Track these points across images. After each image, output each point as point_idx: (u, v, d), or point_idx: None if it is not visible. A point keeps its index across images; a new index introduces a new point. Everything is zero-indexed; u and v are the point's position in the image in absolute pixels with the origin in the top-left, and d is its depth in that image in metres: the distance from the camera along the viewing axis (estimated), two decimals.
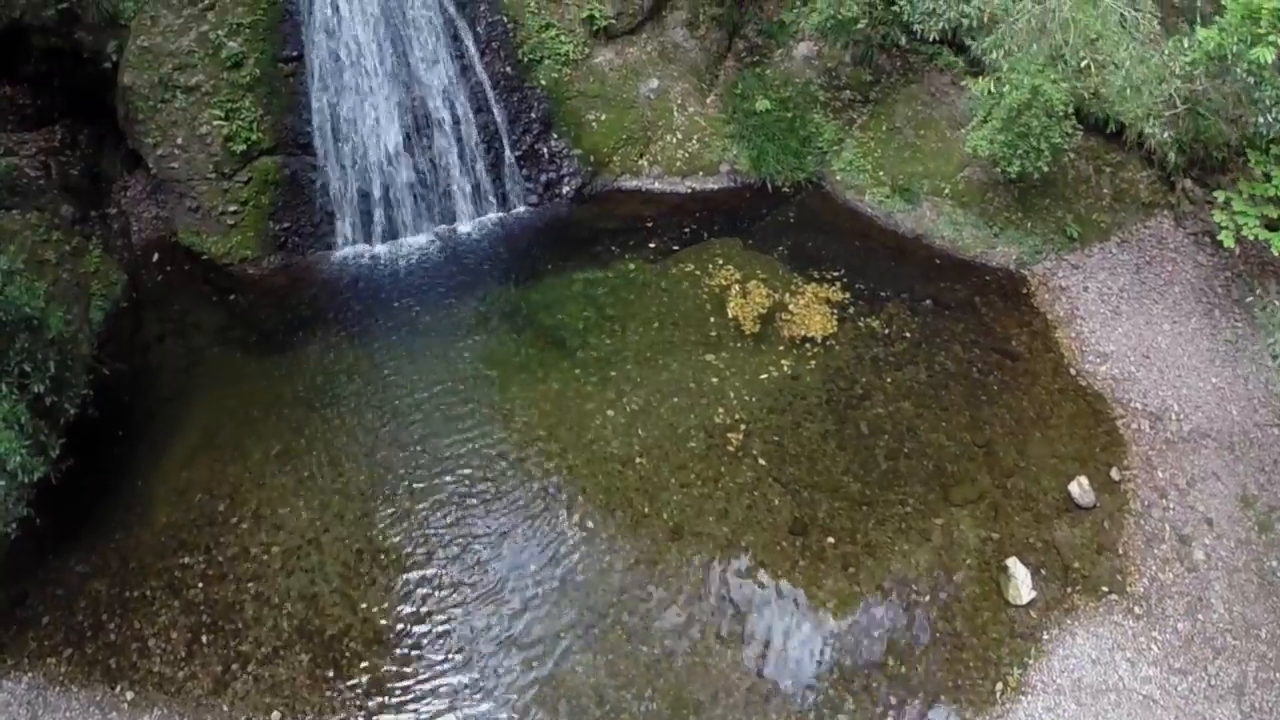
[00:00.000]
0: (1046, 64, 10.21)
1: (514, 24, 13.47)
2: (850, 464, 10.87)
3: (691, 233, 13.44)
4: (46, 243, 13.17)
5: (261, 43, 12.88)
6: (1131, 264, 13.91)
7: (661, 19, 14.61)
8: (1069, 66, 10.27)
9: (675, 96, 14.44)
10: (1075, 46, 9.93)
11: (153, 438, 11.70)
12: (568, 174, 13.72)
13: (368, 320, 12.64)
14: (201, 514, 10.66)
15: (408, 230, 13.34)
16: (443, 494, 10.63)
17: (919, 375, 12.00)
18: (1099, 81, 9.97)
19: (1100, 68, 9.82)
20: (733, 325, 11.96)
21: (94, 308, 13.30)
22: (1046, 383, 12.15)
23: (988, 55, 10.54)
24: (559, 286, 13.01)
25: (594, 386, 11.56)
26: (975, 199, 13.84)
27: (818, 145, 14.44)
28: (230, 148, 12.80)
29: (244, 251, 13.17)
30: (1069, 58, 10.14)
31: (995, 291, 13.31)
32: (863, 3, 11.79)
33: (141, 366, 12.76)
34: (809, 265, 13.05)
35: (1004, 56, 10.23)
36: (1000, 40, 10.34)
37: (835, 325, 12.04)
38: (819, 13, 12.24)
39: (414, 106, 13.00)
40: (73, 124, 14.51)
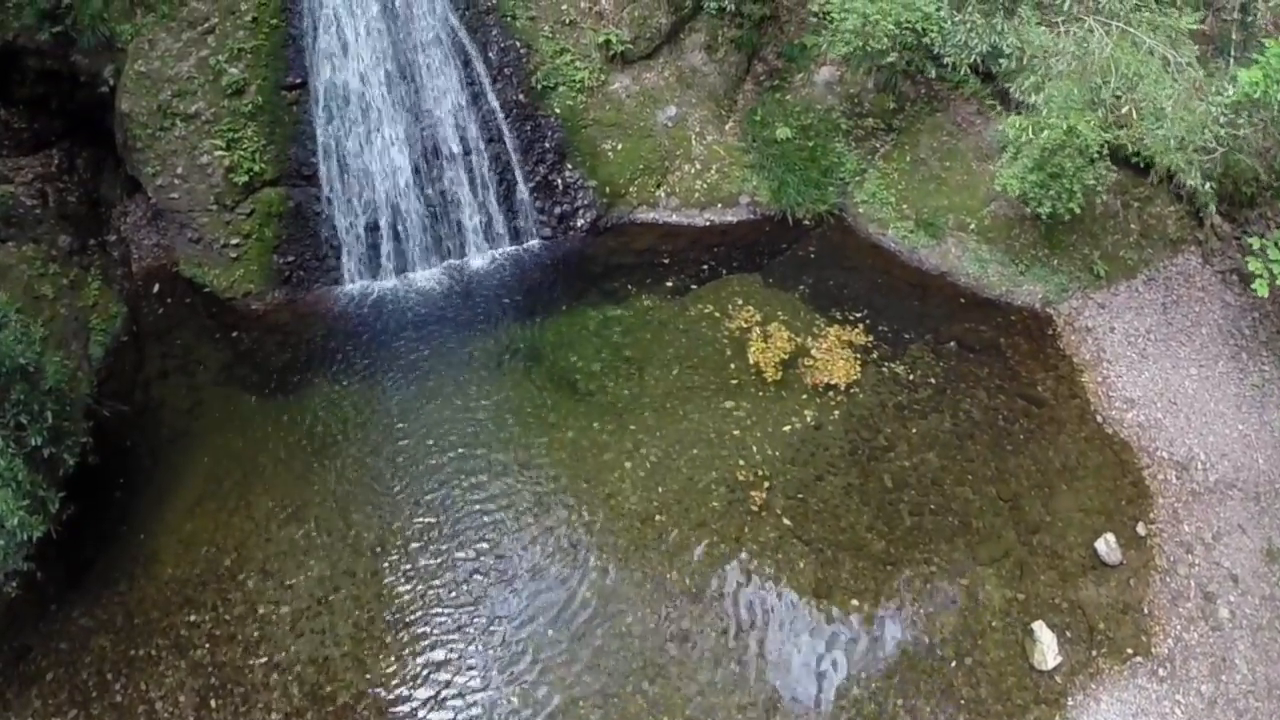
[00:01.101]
0: (1085, 106, 9.83)
1: (527, 49, 12.97)
2: (874, 520, 10.63)
3: (710, 269, 13.06)
4: (43, 276, 12.74)
5: (263, 69, 12.39)
6: (1158, 303, 13.64)
7: (679, 42, 14.09)
8: (1107, 109, 9.88)
9: (693, 124, 13.97)
10: (1116, 90, 9.54)
11: (156, 484, 11.37)
12: (582, 206, 13.30)
13: (376, 360, 12.26)
14: (208, 568, 10.37)
15: (417, 265, 12.94)
16: (456, 552, 10.34)
17: (943, 424, 11.74)
18: (1142, 131, 9.59)
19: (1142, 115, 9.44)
20: (754, 372, 11.62)
21: (93, 343, 12.88)
22: (1073, 430, 11.91)
23: (1026, 97, 10.14)
24: (573, 325, 12.63)
25: (611, 435, 11.25)
26: (1001, 235, 13.49)
27: (839, 176, 14.02)
28: (232, 179, 12.36)
29: (247, 285, 12.75)
30: (1108, 100, 9.75)
31: (1020, 332, 13.00)
32: (892, 34, 11.34)
33: (143, 405, 12.40)
34: (831, 305, 12.72)
35: (1043, 100, 9.83)
36: (1040, 83, 9.93)
37: (859, 371, 11.72)
38: (845, 43, 11.78)
39: (423, 136, 12.54)
40: (71, 147, 14.04)
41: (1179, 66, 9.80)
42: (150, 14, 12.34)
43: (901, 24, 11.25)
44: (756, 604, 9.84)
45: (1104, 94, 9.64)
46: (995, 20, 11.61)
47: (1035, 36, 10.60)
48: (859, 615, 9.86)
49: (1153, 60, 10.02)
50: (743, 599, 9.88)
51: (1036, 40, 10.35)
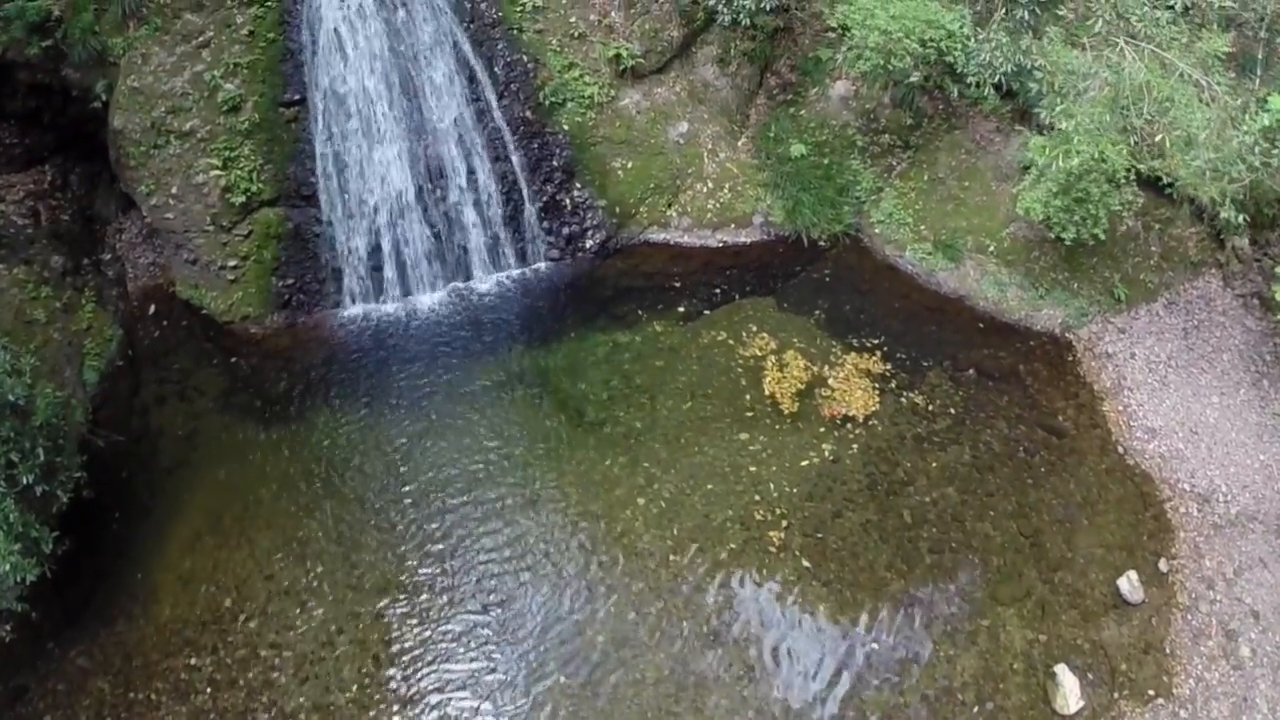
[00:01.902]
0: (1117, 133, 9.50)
1: (534, 63, 12.53)
2: (894, 559, 10.37)
3: (723, 293, 12.70)
4: (35, 300, 12.28)
5: (260, 85, 11.93)
6: (1179, 328, 13.37)
7: (691, 56, 13.63)
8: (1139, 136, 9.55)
9: (706, 141, 13.56)
10: (1149, 116, 9.21)
11: (154, 517, 11.02)
12: (591, 227, 12.91)
13: (379, 388, 11.90)
14: (207, 608, 10.05)
15: (420, 288, 12.54)
16: (464, 595, 10.04)
17: (963, 456, 11.47)
18: (1177, 163, 9.28)
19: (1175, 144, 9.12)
20: (769, 402, 11.32)
21: (87, 368, 12.45)
22: (1094, 462, 11.66)
23: (1057, 121, 9.78)
24: (582, 350, 12.27)
25: (622, 469, 10.93)
26: (1021, 257, 13.16)
27: (855, 195, 13.63)
28: (229, 199, 11.94)
29: (245, 309, 12.35)
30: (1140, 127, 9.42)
31: (1040, 359, 12.72)
32: (916, 53, 10.96)
33: (140, 433, 12.02)
34: (848, 331, 12.39)
35: (1074, 127, 9.48)
36: (1070, 110, 9.58)
37: (877, 401, 11.42)
38: (866, 60, 11.39)
39: (426, 155, 12.10)
40: (64, 162, 13.58)
41: (1212, 93, 9.48)
42: (143, 27, 11.85)
43: (926, 42, 10.88)
44: (775, 648, 9.58)
45: (1136, 121, 9.31)
46: (1021, 39, 11.28)
47: (1063, 57, 10.25)
48: (879, 659, 9.62)
49: (1185, 86, 9.69)
50: (761, 643, 9.60)
51: (1064, 61, 10.01)
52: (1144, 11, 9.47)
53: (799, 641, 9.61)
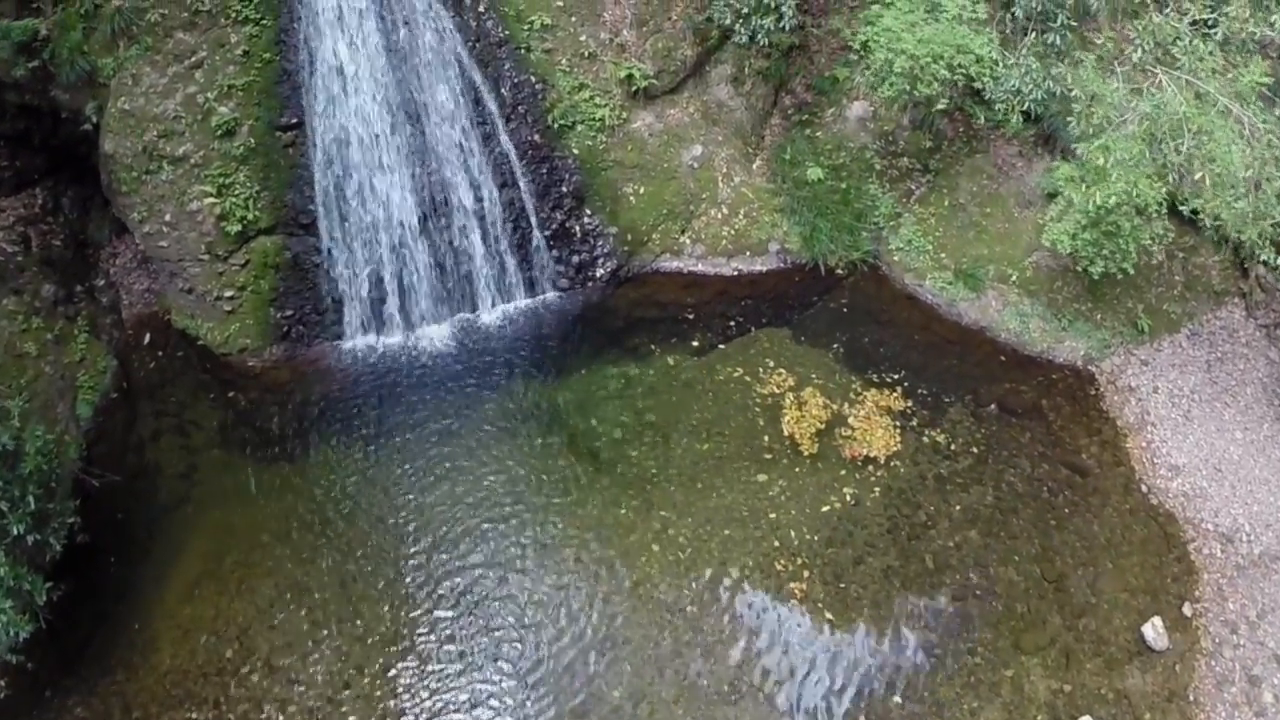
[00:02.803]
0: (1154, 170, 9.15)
1: (543, 84, 12.01)
2: (917, 607, 10.06)
3: (738, 325, 12.30)
4: (26, 332, 11.77)
5: (256, 107, 11.39)
6: (1202, 360, 13.11)
7: (704, 75, 13.13)
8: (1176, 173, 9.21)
9: (720, 164, 13.11)
10: (1188, 153, 8.85)
11: (152, 559, 10.63)
12: (602, 255, 12.46)
13: (382, 425, 11.50)
14: (209, 659, 9.70)
15: (425, 320, 12.11)
16: (474, 643, 9.69)
17: (985, 497, 11.20)
18: (1218, 204, 8.94)
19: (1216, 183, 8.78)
20: (788, 443, 10.98)
21: (81, 402, 11.97)
22: (1117, 502, 11.41)
23: (1094, 159, 9.38)
24: (593, 385, 11.87)
25: (637, 513, 10.58)
26: (1043, 287, 12.81)
27: (873, 220, 13.21)
28: (224, 228, 11.44)
29: (243, 341, 11.90)
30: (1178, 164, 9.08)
31: (1062, 393, 12.41)
32: (943, 79, 10.52)
33: (137, 470, 11.60)
34: (867, 365, 12.02)
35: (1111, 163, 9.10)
36: (1109, 145, 9.19)
37: (898, 441, 11.09)
38: (891, 85, 10.96)
39: (430, 182, 11.62)
40: (55, 185, 12.98)
41: (1252, 128, 9.13)
42: (134, 46, 11.27)
43: (955, 68, 10.46)
44: (796, 703, 9.32)
45: (1174, 157, 8.96)
46: (1051, 65, 10.88)
47: (1099, 88, 9.86)
48: (903, 714, 9.42)
49: (1224, 120, 9.34)
50: (783, 698, 9.31)
51: (1100, 92, 9.63)
52: (1186, 43, 9.11)
53: (821, 696, 9.32)
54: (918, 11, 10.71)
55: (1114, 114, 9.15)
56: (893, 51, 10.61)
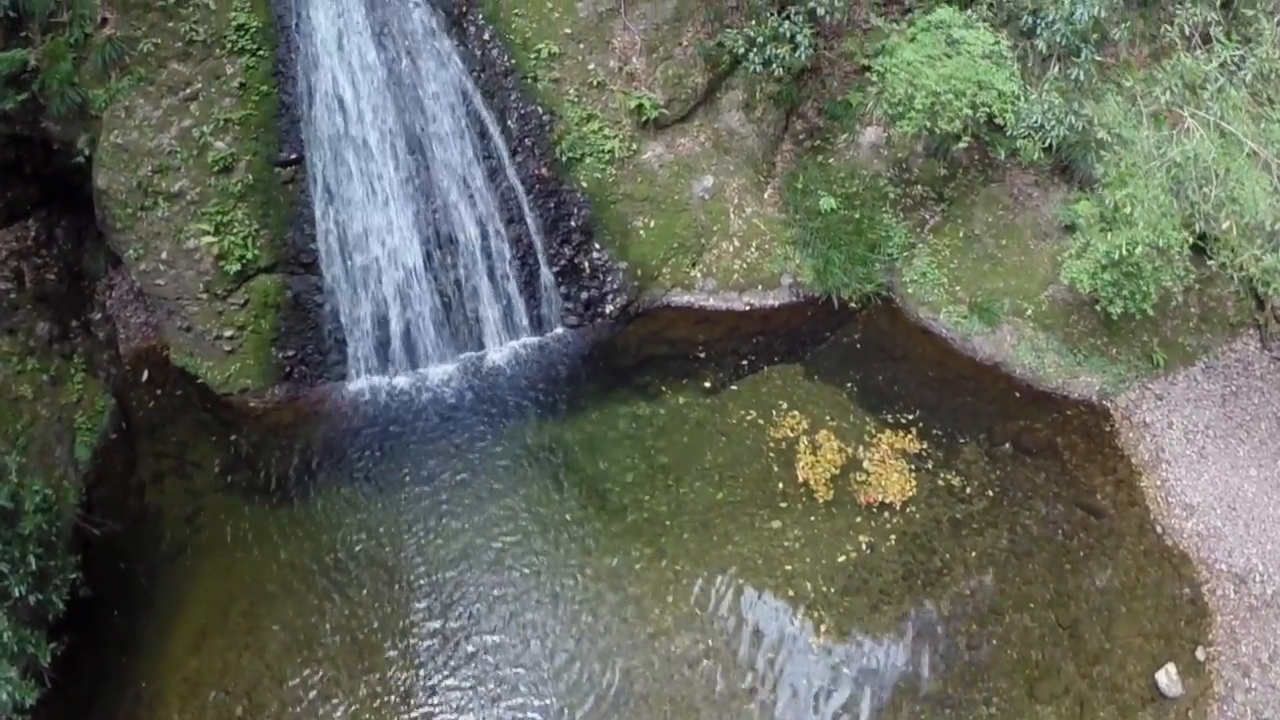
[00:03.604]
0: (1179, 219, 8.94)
1: (550, 116, 11.64)
2: (933, 657, 10.00)
3: (750, 364, 12.08)
4: (21, 374, 11.44)
5: (253, 142, 11.02)
6: (1217, 394, 12.99)
7: (715, 102, 12.75)
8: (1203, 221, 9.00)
9: (731, 195, 12.78)
10: (1216, 202, 8.63)
11: (156, 609, 10.45)
12: (612, 290, 12.17)
13: (388, 468, 11.29)
14: (218, 717, 9.61)
15: (430, 359, 11.83)
16: (488, 700, 9.51)
17: (1000, 541, 11.10)
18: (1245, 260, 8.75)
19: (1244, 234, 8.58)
20: (803, 489, 10.83)
21: (79, 445, 11.69)
22: (1132, 544, 11.33)
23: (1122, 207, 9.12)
24: (602, 424, 11.67)
25: (649, 561, 10.44)
26: (1059, 321, 12.62)
27: (886, 251, 12.93)
28: (223, 267, 11.13)
29: (244, 381, 11.63)
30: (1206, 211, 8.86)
31: (1077, 430, 12.27)
32: (965, 117, 10.22)
33: (138, 514, 11.37)
34: (881, 405, 11.84)
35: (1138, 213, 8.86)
36: (1137, 195, 8.94)
37: (913, 485, 10.94)
38: (910, 120, 10.67)
39: (435, 218, 11.30)
40: (48, 216, 12.57)
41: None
42: (126, 77, 10.86)
43: (977, 106, 10.17)
44: None
45: (1203, 205, 8.75)
46: (1074, 101, 10.60)
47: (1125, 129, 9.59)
48: None
49: (1252, 166, 9.11)
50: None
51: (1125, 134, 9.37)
52: (1215, 88, 8.86)
53: None
54: (938, 46, 10.41)
55: (1142, 161, 8.91)
56: (914, 87, 10.31)
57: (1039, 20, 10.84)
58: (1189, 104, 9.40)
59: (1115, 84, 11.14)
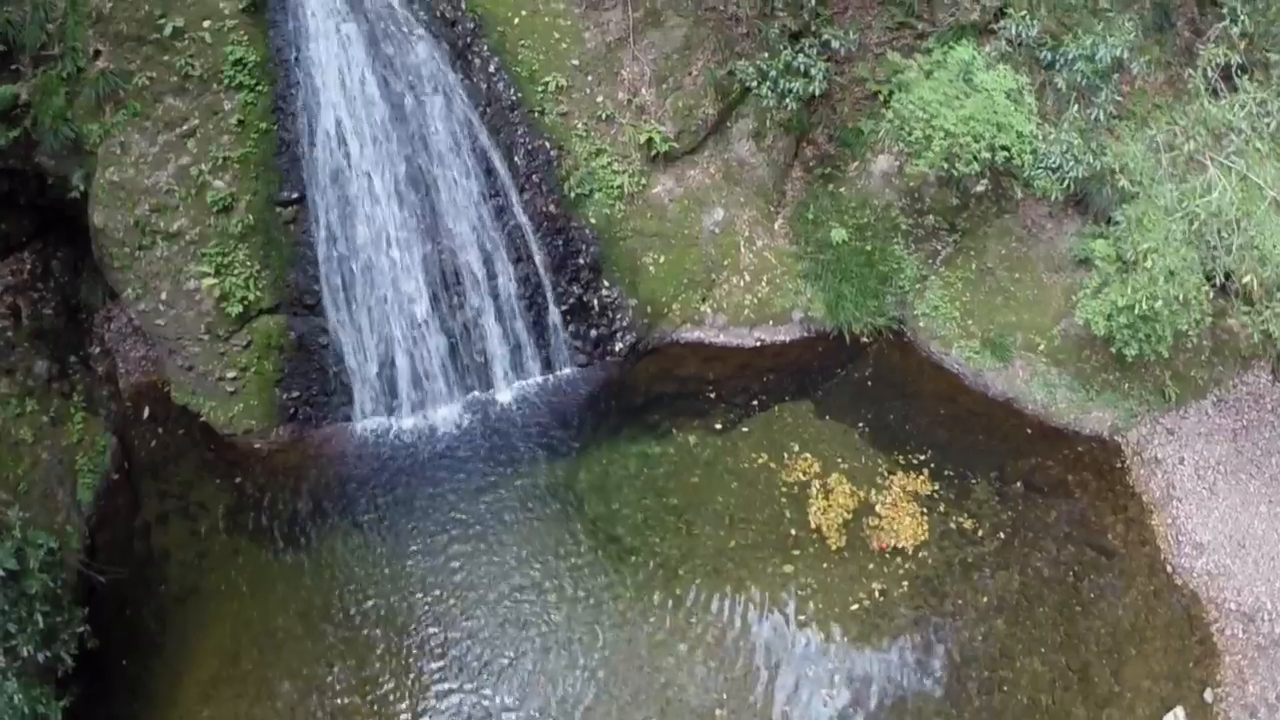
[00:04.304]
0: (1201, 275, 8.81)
1: (558, 151, 11.36)
2: (943, 704, 10.05)
3: (761, 403, 11.94)
4: (20, 417, 11.18)
5: (253, 181, 10.72)
6: (1229, 429, 12.94)
7: (725, 132, 12.47)
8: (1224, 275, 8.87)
9: (742, 228, 12.54)
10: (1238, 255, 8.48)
11: (166, 656, 10.36)
12: (621, 328, 11.95)
13: (396, 511, 11.16)
14: None
15: (438, 400, 11.65)
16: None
17: (1011, 583, 11.08)
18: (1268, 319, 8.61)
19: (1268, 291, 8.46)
20: (815, 535, 10.76)
21: (81, 487, 11.48)
22: (1142, 584, 11.33)
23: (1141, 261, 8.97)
24: (612, 464, 11.56)
25: (661, 607, 10.38)
26: (1071, 357, 12.49)
27: (898, 284, 12.74)
28: (224, 308, 10.88)
29: (248, 422, 11.43)
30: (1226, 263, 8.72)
31: (1089, 467, 12.19)
32: (983, 159, 10.01)
33: (144, 557, 11.22)
34: (893, 445, 11.74)
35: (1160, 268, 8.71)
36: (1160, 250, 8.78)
37: (925, 529, 10.89)
38: (925, 160, 10.44)
39: (440, 258, 11.03)
40: (44, 248, 12.20)
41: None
42: (120, 111, 10.53)
43: (996, 149, 9.96)
44: None
45: (1225, 259, 8.62)
46: (1093, 140, 10.39)
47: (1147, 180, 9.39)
48: None
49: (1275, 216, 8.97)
50: None
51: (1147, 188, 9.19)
52: (1242, 139, 8.68)
53: None
54: (956, 84, 10.17)
55: (1163, 216, 8.74)
56: (932, 129, 10.07)
57: (1057, 56, 10.64)
58: (1211, 149, 9.23)
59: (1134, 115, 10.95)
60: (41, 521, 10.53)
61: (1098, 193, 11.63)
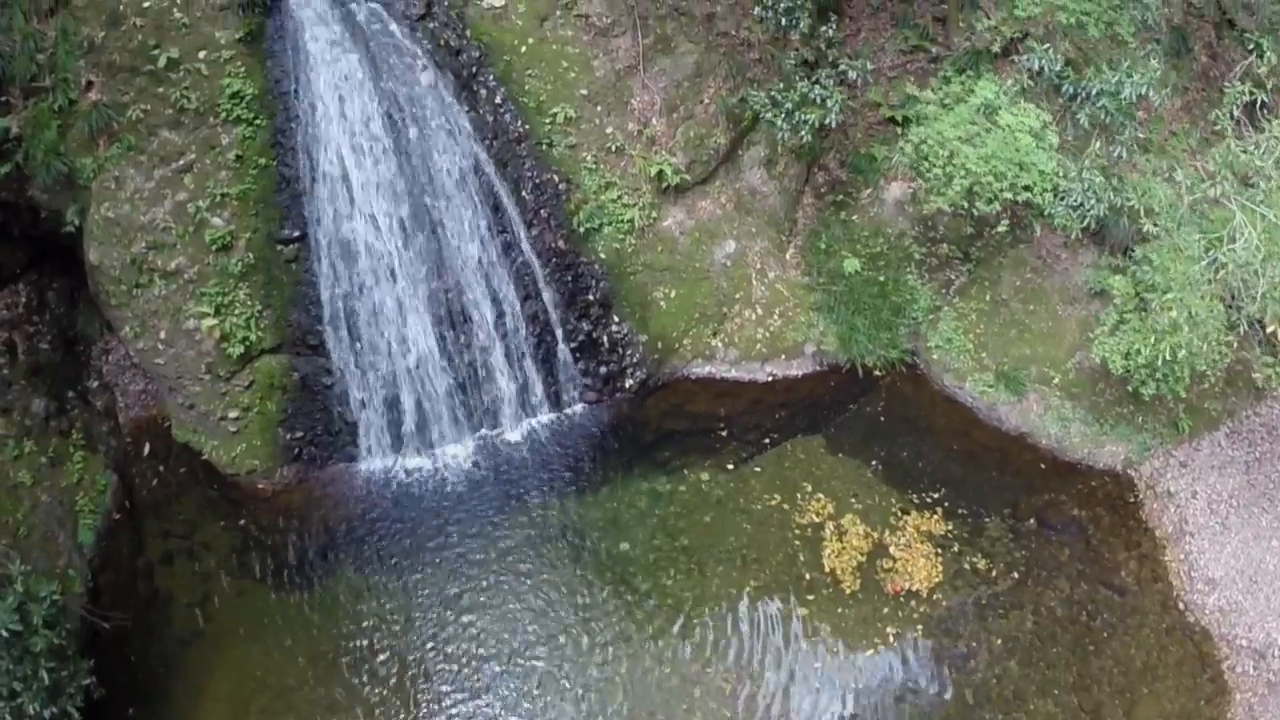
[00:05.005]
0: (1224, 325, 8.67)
1: (567, 184, 11.07)
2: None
3: (773, 440, 11.78)
4: (18, 459, 10.91)
5: (253, 218, 10.41)
6: (1241, 461, 12.86)
7: (737, 160, 12.19)
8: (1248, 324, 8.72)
9: (754, 259, 12.30)
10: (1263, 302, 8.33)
11: (174, 705, 10.17)
12: (631, 364, 11.75)
13: (404, 552, 11.00)
14: None
15: (444, 439, 11.42)
16: None
17: (1024, 623, 11.04)
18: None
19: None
20: (829, 578, 10.65)
21: (83, 528, 11.24)
22: (1154, 622, 11.29)
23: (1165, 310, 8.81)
24: (622, 502, 11.40)
25: (675, 651, 10.27)
26: (1086, 390, 12.37)
27: (911, 315, 12.55)
28: (225, 349, 10.62)
29: (251, 462, 11.20)
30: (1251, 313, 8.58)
31: (1102, 502, 12.11)
32: (1004, 198, 9.78)
33: (148, 599, 11.03)
34: (906, 483, 11.62)
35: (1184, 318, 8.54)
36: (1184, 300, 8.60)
37: (939, 571, 10.79)
38: (945, 198, 10.15)
39: (447, 297, 10.77)
40: (39, 279, 11.84)
41: None
42: (114, 144, 10.19)
43: (1018, 189, 9.72)
44: None
45: (1251, 308, 8.47)
46: (1115, 177, 10.16)
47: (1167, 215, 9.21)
48: None
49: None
50: None
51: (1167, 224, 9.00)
52: (1271, 184, 8.49)
53: None
54: (978, 121, 9.91)
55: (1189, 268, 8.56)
56: (953, 167, 9.80)
57: (1079, 89, 10.38)
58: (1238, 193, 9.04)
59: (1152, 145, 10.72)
60: (43, 567, 10.37)
61: (1115, 224, 11.45)
